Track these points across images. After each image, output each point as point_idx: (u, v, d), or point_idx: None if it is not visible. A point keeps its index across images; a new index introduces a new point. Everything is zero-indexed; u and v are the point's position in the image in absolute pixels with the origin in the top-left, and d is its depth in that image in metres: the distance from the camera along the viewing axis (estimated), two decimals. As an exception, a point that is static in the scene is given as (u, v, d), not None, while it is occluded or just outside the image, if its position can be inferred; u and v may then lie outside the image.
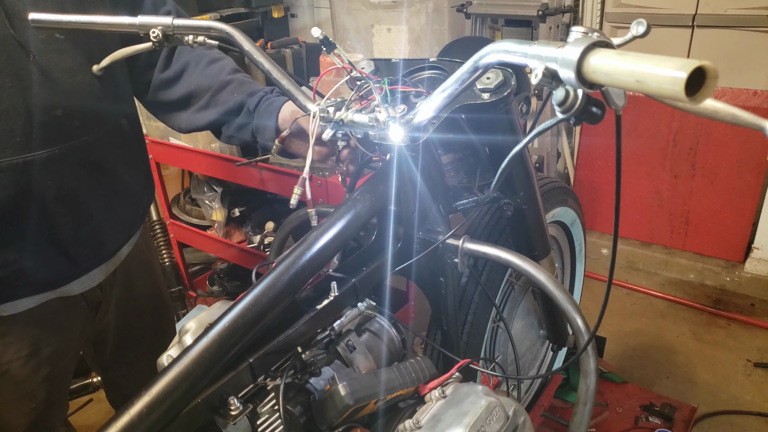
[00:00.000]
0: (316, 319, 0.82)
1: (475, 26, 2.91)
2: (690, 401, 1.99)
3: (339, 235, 0.82)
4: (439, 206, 0.98)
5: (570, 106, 0.60)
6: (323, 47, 0.88)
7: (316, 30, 0.90)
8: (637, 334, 2.52)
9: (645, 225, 3.00)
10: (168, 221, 2.37)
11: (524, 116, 0.96)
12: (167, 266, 2.49)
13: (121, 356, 1.34)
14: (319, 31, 0.88)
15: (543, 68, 0.59)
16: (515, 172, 1.03)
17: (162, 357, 0.85)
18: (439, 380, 0.82)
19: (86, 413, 2.18)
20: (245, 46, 0.91)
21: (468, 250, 0.94)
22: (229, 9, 2.31)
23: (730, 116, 0.65)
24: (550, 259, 1.21)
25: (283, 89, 0.91)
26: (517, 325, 1.47)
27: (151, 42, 0.90)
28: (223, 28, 0.91)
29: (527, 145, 0.77)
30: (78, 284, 1.09)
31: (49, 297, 1.06)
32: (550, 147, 3.08)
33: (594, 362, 0.94)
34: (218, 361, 0.70)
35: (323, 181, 1.69)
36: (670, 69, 0.48)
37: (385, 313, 0.92)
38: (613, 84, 0.54)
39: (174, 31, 0.90)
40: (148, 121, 2.21)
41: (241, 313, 0.72)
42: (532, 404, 1.70)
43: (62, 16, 0.88)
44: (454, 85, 0.72)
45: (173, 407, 0.66)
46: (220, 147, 2.04)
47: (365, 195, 0.87)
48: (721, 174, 2.71)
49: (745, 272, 2.73)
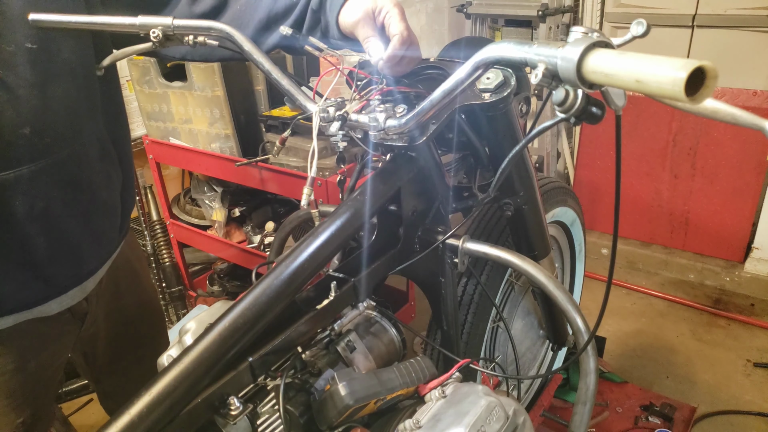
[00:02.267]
0: (316, 319, 0.82)
1: (475, 26, 2.91)
2: (690, 401, 1.99)
3: (339, 235, 0.82)
4: (439, 206, 0.98)
5: (570, 106, 0.60)
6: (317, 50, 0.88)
7: (284, 28, 0.91)
8: (637, 334, 2.52)
9: (645, 225, 3.00)
10: (168, 221, 2.37)
11: (524, 116, 0.96)
12: (167, 266, 2.49)
13: (113, 366, 1.32)
14: (287, 28, 0.88)
15: (543, 68, 0.59)
16: (515, 172, 1.03)
17: (162, 357, 0.85)
18: (439, 380, 0.82)
19: (86, 413, 2.18)
20: (245, 47, 0.91)
21: (468, 250, 0.94)
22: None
23: (730, 116, 0.65)
24: (550, 259, 1.21)
25: (283, 89, 0.91)
26: (517, 325, 1.47)
27: (151, 42, 0.90)
28: (223, 28, 0.91)
29: (527, 145, 0.77)
30: (56, 304, 1.05)
31: (26, 317, 1.01)
32: (550, 147, 3.08)
33: (594, 362, 0.94)
34: (218, 361, 0.70)
35: (323, 181, 1.69)
36: (670, 69, 0.48)
37: (385, 313, 0.92)
38: (613, 84, 0.54)
39: (174, 30, 0.90)
40: (148, 122, 2.22)
41: (241, 313, 0.72)
42: (532, 404, 1.70)
43: (62, 16, 0.88)
44: (454, 85, 0.72)
45: (173, 407, 0.66)
46: (220, 147, 2.04)
47: (365, 195, 0.87)
48: (721, 174, 2.72)
49: (745, 272, 2.73)
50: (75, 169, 0.97)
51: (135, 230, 2.56)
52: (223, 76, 1.90)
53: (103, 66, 0.99)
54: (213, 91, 1.93)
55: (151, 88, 2.11)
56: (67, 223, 0.99)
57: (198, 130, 2.08)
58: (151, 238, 2.47)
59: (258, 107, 2.05)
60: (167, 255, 2.48)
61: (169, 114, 2.12)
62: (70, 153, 0.95)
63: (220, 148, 2.04)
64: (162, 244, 2.48)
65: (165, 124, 2.17)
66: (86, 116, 0.98)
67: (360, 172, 1.03)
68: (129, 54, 0.98)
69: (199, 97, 1.98)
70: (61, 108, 0.92)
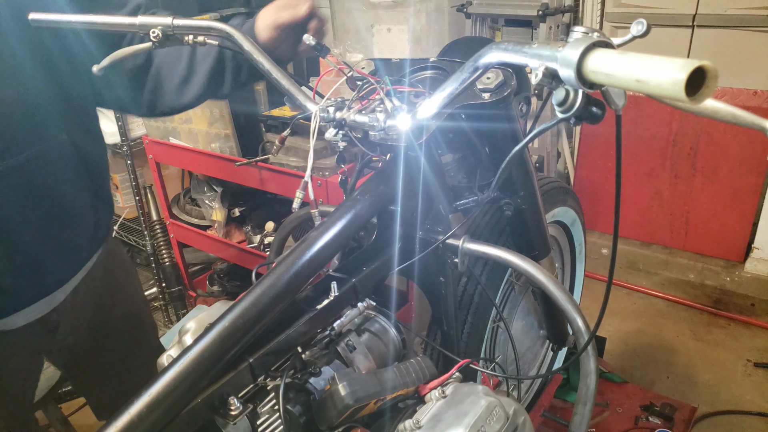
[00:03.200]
0: (316, 319, 0.82)
1: (475, 26, 2.91)
2: (690, 401, 1.99)
3: (339, 235, 0.82)
4: (439, 206, 0.98)
5: (570, 106, 0.60)
6: (317, 52, 0.88)
7: (307, 37, 0.91)
8: (637, 334, 2.52)
9: (645, 225, 3.00)
10: (168, 221, 2.37)
11: (524, 116, 0.96)
12: (167, 266, 2.49)
13: (101, 378, 1.28)
14: (311, 37, 0.89)
15: (543, 68, 0.59)
16: (515, 172, 1.03)
17: (162, 357, 0.85)
18: (439, 380, 0.82)
19: (86, 413, 2.17)
20: (245, 46, 0.91)
21: (468, 250, 0.94)
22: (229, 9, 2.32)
23: (730, 116, 0.65)
24: (550, 259, 1.21)
25: (283, 89, 0.91)
26: (517, 325, 1.47)
27: (151, 42, 0.90)
28: (223, 28, 0.91)
29: (527, 145, 0.77)
30: (21, 317, 1.00)
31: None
32: (550, 147, 3.07)
33: (594, 362, 0.94)
34: (218, 361, 0.70)
35: (323, 181, 1.69)
36: (670, 69, 0.48)
37: (386, 313, 0.92)
38: (613, 84, 0.54)
39: (174, 30, 0.90)
40: (147, 121, 2.22)
41: (241, 313, 0.72)
42: (532, 404, 1.70)
43: (62, 16, 0.88)
44: (454, 85, 0.72)
45: (173, 407, 0.66)
46: (220, 147, 2.04)
47: (365, 195, 0.87)
48: (721, 174, 2.71)
49: (745, 272, 2.73)
50: (35, 174, 0.92)
51: (135, 230, 2.56)
52: (223, 76, 1.89)
53: (102, 66, 0.99)
54: (213, 91, 1.93)
55: (151, 88, 2.11)
56: (25, 232, 0.93)
57: (198, 130, 2.07)
58: (151, 238, 2.47)
59: (258, 107, 2.05)
60: (167, 255, 2.48)
61: (169, 114, 2.12)
62: (30, 157, 0.91)
63: (219, 147, 2.04)
64: (162, 244, 2.48)
65: (165, 123, 2.17)
66: (50, 120, 0.94)
67: (360, 172, 1.03)
68: (128, 54, 0.98)
69: (199, 97, 1.98)
70: (19, 110, 0.88)
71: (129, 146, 2.29)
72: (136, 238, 2.53)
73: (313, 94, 0.90)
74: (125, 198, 2.63)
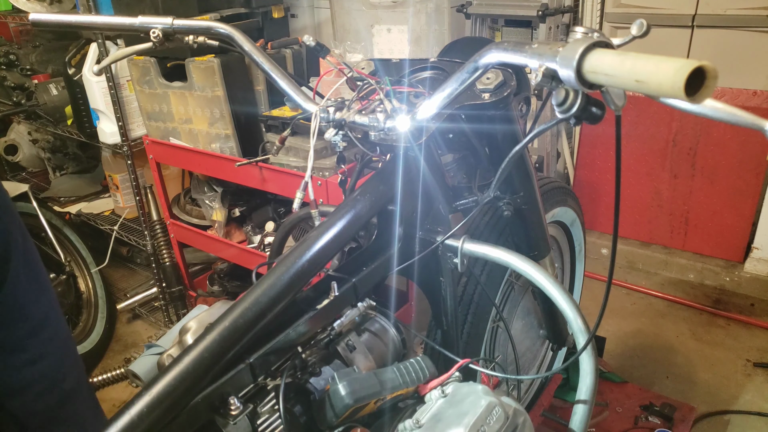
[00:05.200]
0: (316, 319, 0.82)
1: (475, 26, 2.91)
2: (690, 401, 1.99)
3: (339, 235, 0.82)
4: (439, 206, 0.98)
5: (570, 107, 0.60)
6: (317, 52, 0.88)
7: (308, 38, 0.91)
8: (636, 334, 2.52)
9: (645, 225, 3.00)
10: (168, 221, 2.37)
11: (524, 116, 0.96)
12: (167, 266, 2.50)
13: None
14: (311, 38, 0.89)
15: (543, 68, 0.59)
16: (515, 172, 1.03)
17: (162, 356, 0.85)
18: (439, 380, 0.82)
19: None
20: (246, 47, 0.91)
21: (468, 250, 0.94)
22: (229, 9, 2.32)
23: (730, 116, 0.65)
24: (550, 259, 1.21)
25: (283, 89, 0.91)
26: (517, 325, 1.47)
27: (151, 42, 0.91)
28: (223, 28, 0.91)
29: (527, 145, 0.77)
30: None
31: None
32: (550, 147, 3.07)
33: (594, 362, 0.94)
34: (218, 360, 0.70)
35: (323, 181, 1.69)
36: (670, 69, 0.48)
37: (385, 313, 0.92)
38: (613, 84, 0.54)
39: (174, 30, 0.90)
40: (148, 122, 2.22)
41: (241, 313, 0.72)
42: (532, 404, 1.70)
43: (62, 16, 0.88)
44: (454, 85, 0.72)
45: (173, 407, 0.66)
46: (220, 147, 2.04)
47: (365, 195, 0.87)
48: (721, 174, 2.71)
49: (745, 272, 2.73)
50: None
51: (135, 230, 2.56)
52: (223, 76, 1.90)
53: (102, 66, 0.99)
54: (213, 91, 1.93)
55: (151, 88, 2.11)
56: None
57: (198, 130, 2.08)
58: (151, 238, 2.47)
59: (258, 107, 2.05)
60: (167, 255, 2.48)
61: (169, 114, 2.12)
62: None
63: (220, 148, 2.04)
64: (162, 244, 2.48)
65: (165, 124, 2.17)
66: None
67: (360, 172, 1.03)
68: (129, 54, 0.98)
69: (199, 97, 1.98)
70: None
71: (129, 146, 2.29)
72: (137, 238, 2.53)
73: (313, 95, 0.90)
74: (125, 198, 2.63)
